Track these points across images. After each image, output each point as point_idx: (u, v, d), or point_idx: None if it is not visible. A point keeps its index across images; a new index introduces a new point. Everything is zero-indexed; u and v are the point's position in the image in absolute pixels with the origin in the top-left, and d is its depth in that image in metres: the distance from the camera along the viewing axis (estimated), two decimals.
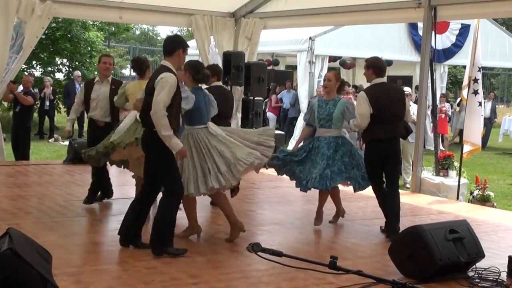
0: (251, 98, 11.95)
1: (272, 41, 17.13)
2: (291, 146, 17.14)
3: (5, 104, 20.51)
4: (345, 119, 7.16)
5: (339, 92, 7.41)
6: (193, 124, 6.27)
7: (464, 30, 19.46)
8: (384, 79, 7.34)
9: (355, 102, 13.66)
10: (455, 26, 19.41)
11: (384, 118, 6.80)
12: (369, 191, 10.30)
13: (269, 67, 17.12)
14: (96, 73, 22.92)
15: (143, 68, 7.37)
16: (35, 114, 19.02)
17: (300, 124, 16.98)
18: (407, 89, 13.55)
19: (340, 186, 7.49)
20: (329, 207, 7.50)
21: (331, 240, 6.88)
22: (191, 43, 20.98)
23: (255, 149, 6.34)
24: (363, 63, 7.37)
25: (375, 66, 7.02)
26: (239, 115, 12.75)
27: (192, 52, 20.11)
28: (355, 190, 7.35)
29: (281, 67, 22.86)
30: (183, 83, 6.25)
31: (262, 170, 7.30)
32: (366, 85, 19.11)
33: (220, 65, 12.81)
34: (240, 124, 12.50)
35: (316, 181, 6.96)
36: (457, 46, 19.74)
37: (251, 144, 6.37)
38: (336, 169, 7.03)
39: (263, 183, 10.37)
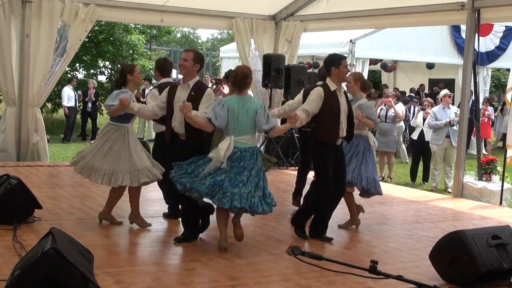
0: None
1: (312, 44, 17.08)
2: None
3: (49, 105, 20.90)
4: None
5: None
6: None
7: (509, 33, 19.13)
8: None
9: (397, 106, 13.63)
10: (499, 28, 19.08)
11: None
12: (410, 194, 10.27)
13: (309, 70, 17.08)
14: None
15: None
16: (78, 116, 19.35)
17: None
18: (446, 92, 13.38)
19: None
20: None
21: (371, 244, 6.82)
22: (232, 46, 21.11)
23: None
24: (404, 66, 7.36)
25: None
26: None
27: (233, 55, 20.25)
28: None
29: None
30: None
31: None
32: (408, 86, 19.04)
33: (260, 67, 12.90)
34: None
35: None
36: (501, 48, 19.41)
37: None
38: None
39: None
